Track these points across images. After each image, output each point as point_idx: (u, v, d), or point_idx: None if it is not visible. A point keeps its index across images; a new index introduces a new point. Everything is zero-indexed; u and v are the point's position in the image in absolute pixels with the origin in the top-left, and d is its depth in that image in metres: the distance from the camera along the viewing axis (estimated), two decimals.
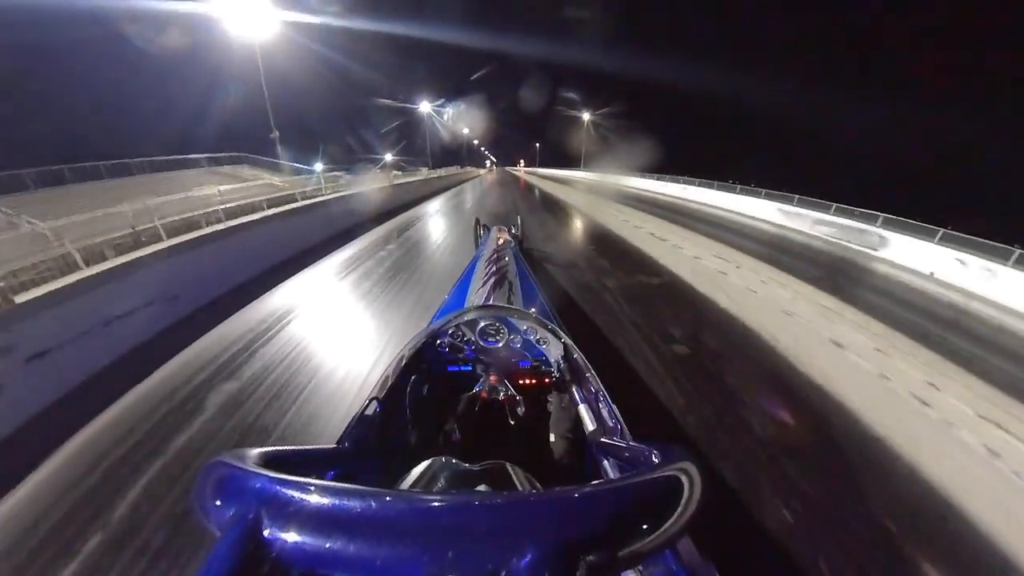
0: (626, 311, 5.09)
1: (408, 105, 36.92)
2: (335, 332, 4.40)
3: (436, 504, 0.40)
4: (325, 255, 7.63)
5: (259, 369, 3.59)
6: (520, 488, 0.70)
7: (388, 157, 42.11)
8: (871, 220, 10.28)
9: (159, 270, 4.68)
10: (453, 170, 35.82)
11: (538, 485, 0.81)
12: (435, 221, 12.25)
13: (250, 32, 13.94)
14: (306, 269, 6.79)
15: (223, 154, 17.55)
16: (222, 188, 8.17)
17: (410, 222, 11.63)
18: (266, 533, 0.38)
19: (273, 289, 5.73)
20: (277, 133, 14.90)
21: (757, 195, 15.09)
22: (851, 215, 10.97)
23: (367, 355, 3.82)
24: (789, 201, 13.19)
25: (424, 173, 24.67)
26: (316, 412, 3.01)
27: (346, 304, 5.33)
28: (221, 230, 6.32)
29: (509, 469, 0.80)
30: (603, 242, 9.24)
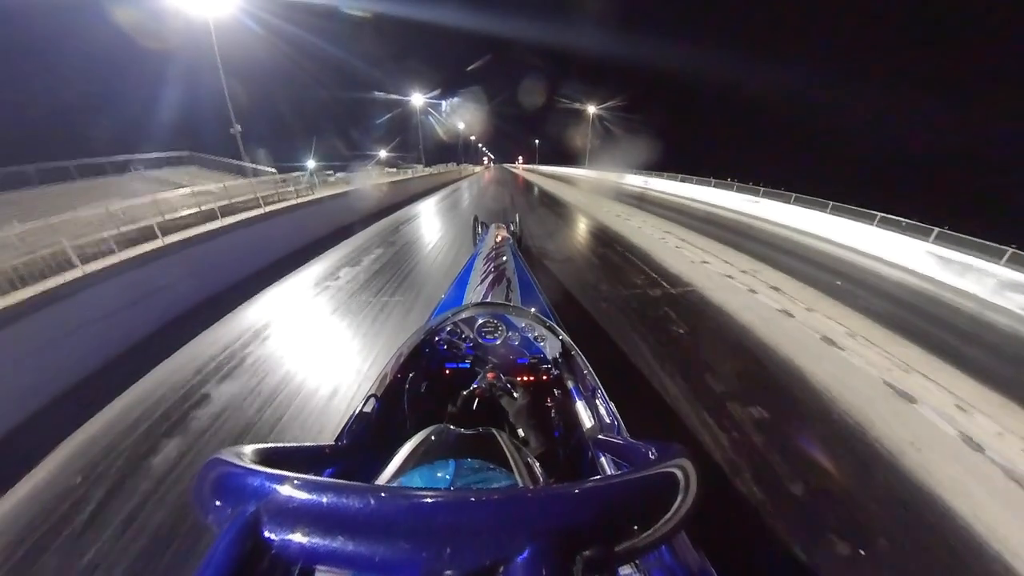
0: None
1: (401, 97, 35.13)
2: None
3: (434, 501, 0.40)
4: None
5: None
6: (508, 456, 0.71)
7: (382, 154, 41.91)
8: None
9: None
10: (442, 167, 33.73)
11: (529, 456, 0.81)
12: None
13: (207, 8, 11.81)
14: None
15: (165, 154, 14.78)
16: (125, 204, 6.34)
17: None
18: (265, 530, 0.38)
19: None
20: (239, 128, 12.85)
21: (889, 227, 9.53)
22: None
23: None
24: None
25: (406, 173, 22.00)
26: None
27: None
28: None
29: (498, 436, 0.81)
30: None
